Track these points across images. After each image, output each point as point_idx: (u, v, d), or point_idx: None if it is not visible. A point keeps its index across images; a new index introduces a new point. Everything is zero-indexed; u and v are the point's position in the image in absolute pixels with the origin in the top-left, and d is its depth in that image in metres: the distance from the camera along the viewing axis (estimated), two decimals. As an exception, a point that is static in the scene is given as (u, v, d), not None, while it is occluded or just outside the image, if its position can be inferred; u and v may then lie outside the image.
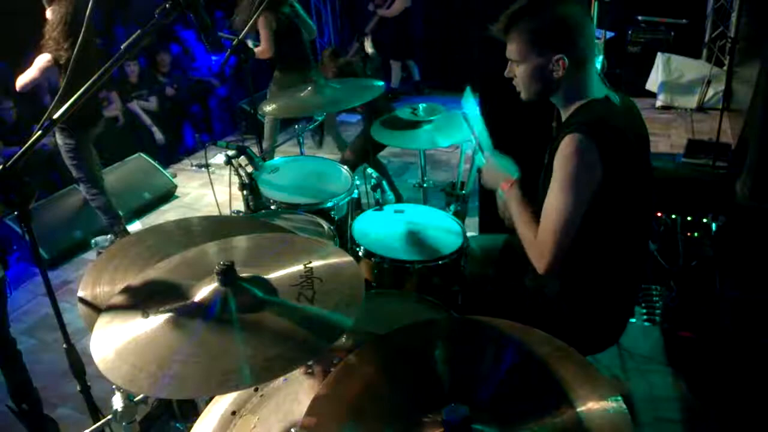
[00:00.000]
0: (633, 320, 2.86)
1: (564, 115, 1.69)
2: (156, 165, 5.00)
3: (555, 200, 1.57)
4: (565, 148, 1.54)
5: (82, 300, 1.50)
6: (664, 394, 2.51)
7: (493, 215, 2.02)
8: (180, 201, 4.97)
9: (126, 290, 1.33)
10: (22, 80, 3.36)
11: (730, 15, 5.98)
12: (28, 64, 3.34)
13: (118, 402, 1.44)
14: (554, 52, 1.57)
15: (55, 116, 1.39)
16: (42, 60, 3.30)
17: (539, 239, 1.61)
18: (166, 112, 5.66)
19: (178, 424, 1.88)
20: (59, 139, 3.61)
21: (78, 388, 1.62)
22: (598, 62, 4.92)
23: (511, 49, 1.64)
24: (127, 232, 3.98)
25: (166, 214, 4.75)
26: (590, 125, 1.54)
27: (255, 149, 2.67)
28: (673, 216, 3.08)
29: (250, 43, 4.10)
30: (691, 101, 5.87)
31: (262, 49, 4.16)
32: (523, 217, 1.71)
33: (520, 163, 1.89)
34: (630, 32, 6.16)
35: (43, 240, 3.86)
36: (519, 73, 1.66)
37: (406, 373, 1.22)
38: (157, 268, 1.40)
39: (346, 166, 2.79)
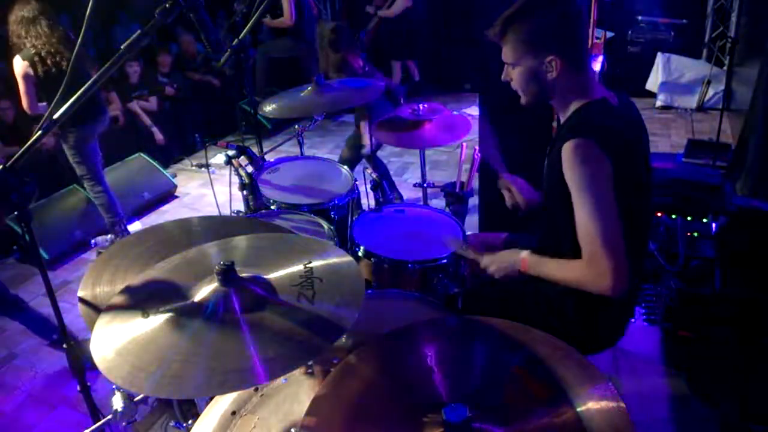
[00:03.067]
0: (633, 320, 2.86)
1: (562, 118, 1.69)
2: (156, 165, 5.00)
3: (587, 212, 1.51)
4: (573, 157, 1.52)
5: (82, 300, 1.50)
6: (663, 393, 2.51)
7: (493, 215, 2.02)
8: (180, 201, 4.97)
9: (126, 290, 1.33)
10: (26, 105, 3.46)
11: (730, 15, 5.99)
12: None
13: (118, 402, 1.44)
14: (547, 53, 1.57)
15: (55, 116, 1.39)
16: (20, 68, 3.40)
17: (590, 259, 1.52)
18: (166, 112, 5.66)
19: (178, 424, 1.88)
20: (62, 137, 3.62)
21: (78, 388, 1.62)
22: (598, 62, 4.93)
23: (506, 52, 1.65)
24: (127, 232, 3.98)
25: (166, 214, 4.75)
26: (589, 127, 1.53)
27: (255, 149, 2.67)
28: (673, 216, 3.07)
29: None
30: (691, 101, 5.87)
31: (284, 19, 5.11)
32: (550, 266, 1.66)
33: (520, 164, 1.89)
34: (630, 32, 6.17)
35: (43, 240, 3.86)
36: (515, 76, 1.66)
37: (406, 373, 1.22)
38: (157, 268, 1.40)
39: (346, 166, 2.79)
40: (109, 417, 1.44)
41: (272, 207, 2.44)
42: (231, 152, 2.45)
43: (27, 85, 3.42)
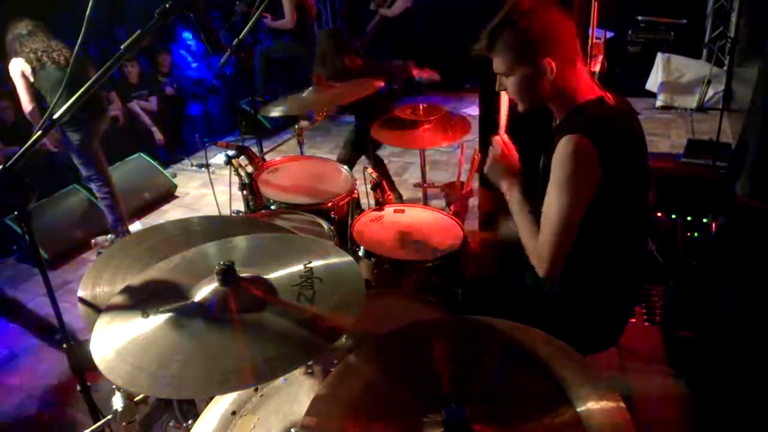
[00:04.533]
0: (633, 320, 2.86)
1: (558, 118, 1.69)
2: (156, 165, 5.00)
3: (554, 202, 1.56)
4: (563, 150, 1.54)
5: (82, 300, 1.50)
6: (663, 394, 2.51)
7: (493, 215, 2.02)
8: (180, 201, 4.96)
9: (126, 290, 1.33)
10: (24, 102, 3.47)
11: (730, 15, 5.99)
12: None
13: (118, 402, 1.44)
14: (541, 58, 1.57)
15: (55, 116, 1.39)
16: (17, 68, 3.42)
17: (540, 242, 1.61)
18: (166, 112, 5.66)
19: (178, 424, 1.88)
20: (64, 137, 3.62)
21: (78, 388, 1.62)
22: (598, 62, 4.93)
23: (498, 64, 1.64)
24: (127, 232, 3.98)
25: (166, 214, 4.74)
26: (586, 125, 1.53)
27: (255, 149, 2.68)
28: (673, 216, 3.07)
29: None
30: (691, 101, 5.87)
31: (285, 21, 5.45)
32: (524, 222, 1.71)
33: (520, 164, 1.89)
34: (630, 32, 6.16)
35: (43, 240, 3.86)
36: (510, 85, 1.66)
37: (406, 373, 1.22)
38: (157, 268, 1.40)
39: (346, 167, 2.79)
40: (109, 417, 1.44)
41: (272, 207, 2.43)
42: (231, 152, 2.45)
43: (25, 82, 3.43)
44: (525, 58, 1.59)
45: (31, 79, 3.43)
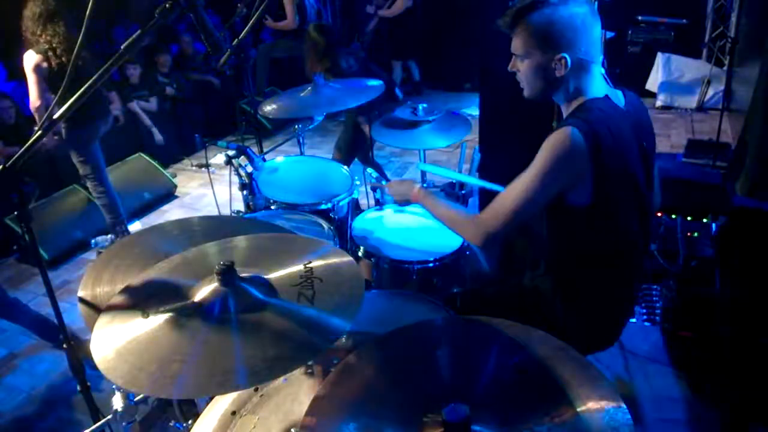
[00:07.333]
0: (633, 320, 2.86)
1: (564, 113, 1.69)
2: (156, 165, 5.00)
3: (524, 179, 1.57)
4: (553, 137, 1.54)
5: (82, 300, 1.50)
6: (663, 393, 2.51)
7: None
8: (180, 201, 4.97)
9: (126, 290, 1.33)
10: (33, 97, 3.40)
11: (730, 15, 5.98)
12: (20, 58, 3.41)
13: (118, 402, 1.44)
14: (557, 51, 1.56)
15: (56, 116, 1.39)
16: (31, 61, 3.35)
17: (493, 208, 1.62)
18: (166, 112, 5.66)
19: (178, 424, 1.88)
20: (66, 135, 3.61)
21: (78, 388, 1.62)
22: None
23: (516, 44, 1.64)
24: (127, 232, 3.98)
25: (166, 214, 4.75)
26: (585, 122, 1.53)
27: (255, 149, 2.67)
28: (673, 216, 3.07)
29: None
30: (691, 101, 5.87)
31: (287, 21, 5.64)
32: (441, 205, 1.77)
33: (520, 164, 1.89)
34: (630, 32, 6.16)
35: (43, 240, 3.86)
36: (522, 68, 1.65)
37: (406, 373, 1.22)
38: (157, 268, 1.40)
39: (345, 166, 2.79)
40: (109, 417, 1.44)
41: (272, 207, 2.43)
42: (231, 152, 2.45)
43: (37, 77, 3.35)
44: (542, 47, 1.58)
45: (45, 74, 3.37)
